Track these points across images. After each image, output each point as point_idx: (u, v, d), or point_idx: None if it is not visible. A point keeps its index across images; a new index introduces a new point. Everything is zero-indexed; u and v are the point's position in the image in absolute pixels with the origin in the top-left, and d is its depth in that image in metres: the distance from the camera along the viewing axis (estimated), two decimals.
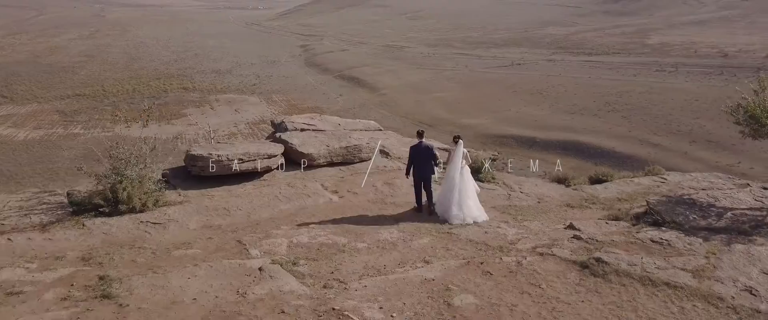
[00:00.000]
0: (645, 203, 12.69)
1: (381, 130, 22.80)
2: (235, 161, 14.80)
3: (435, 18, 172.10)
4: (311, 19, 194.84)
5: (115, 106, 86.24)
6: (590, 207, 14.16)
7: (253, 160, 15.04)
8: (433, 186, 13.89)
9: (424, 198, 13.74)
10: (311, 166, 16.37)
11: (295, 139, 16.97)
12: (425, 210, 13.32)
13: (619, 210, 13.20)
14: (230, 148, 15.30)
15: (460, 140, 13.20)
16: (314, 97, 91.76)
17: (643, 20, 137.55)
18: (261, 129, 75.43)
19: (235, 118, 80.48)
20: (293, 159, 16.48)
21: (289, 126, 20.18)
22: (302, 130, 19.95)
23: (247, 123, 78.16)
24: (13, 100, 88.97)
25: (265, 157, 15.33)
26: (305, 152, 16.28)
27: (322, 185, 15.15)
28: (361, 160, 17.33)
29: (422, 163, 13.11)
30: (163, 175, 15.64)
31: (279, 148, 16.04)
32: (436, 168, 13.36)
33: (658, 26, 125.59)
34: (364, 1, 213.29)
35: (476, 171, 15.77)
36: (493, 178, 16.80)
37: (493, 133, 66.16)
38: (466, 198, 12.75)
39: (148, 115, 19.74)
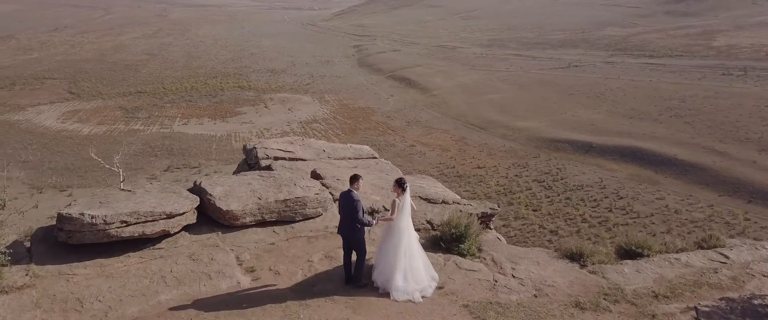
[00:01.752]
0: (693, 308, 8.97)
1: (375, 157, 18.76)
2: (116, 224, 10.86)
3: (489, 18, 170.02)
4: (365, 19, 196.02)
5: (173, 103, 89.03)
6: (610, 310, 9.72)
7: (143, 223, 11.15)
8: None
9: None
10: (234, 227, 12.20)
11: (218, 188, 12.68)
12: (354, 282, 10.21)
13: (652, 318, 9.35)
14: (118, 204, 11.43)
15: (408, 185, 10.06)
16: (365, 97, 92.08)
17: (708, 21, 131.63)
18: (313, 128, 76.32)
19: (288, 117, 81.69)
20: (212, 216, 12.36)
21: (261, 153, 16.96)
22: (276, 158, 16.79)
23: (300, 122, 79.19)
24: (79, 96, 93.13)
25: (163, 217, 11.33)
26: (225, 208, 12.03)
27: (237, 258, 11.19)
28: (306, 218, 12.86)
29: (348, 219, 9.91)
30: (30, 241, 11.84)
31: (187, 204, 11.90)
32: (365, 227, 10.03)
33: (725, 27, 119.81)
34: (418, 1, 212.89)
35: (458, 239, 11.63)
36: (479, 251, 11.79)
37: (547, 137, 64.59)
38: (412, 260, 9.92)
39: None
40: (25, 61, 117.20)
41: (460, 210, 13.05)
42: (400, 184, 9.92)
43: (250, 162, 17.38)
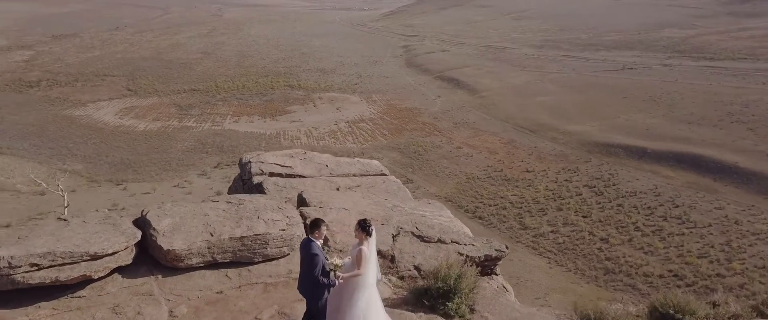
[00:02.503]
0: None
1: (384, 174, 16.25)
2: (24, 268, 8.86)
3: (541, 18, 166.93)
4: (414, 19, 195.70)
5: (225, 101, 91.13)
6: None
7: (59, 266, 9.07)
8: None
9: None
10: (178, 270, 10.08)
11: (165, 221, 10.54)
12: None
13: None
14: (38, 240, 9.45)
15: (373, 229, 8.19)
16: (412, 98, 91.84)
17: None
18: (360, 128, 76.63)
19: (336, 116, 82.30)
20: (154, 255, 10.27)
21: (255, 168, 15.00)
22: (271, 174, 14.74)
23: (347, 121, 79.66)
24: (136, 92, 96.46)
25: (85, 258, 9.22)
26: (166, 247, 9.91)
27: (170, 312, 9.19)
28: (267, 259, 10.52)
29: (304, 273, 8.07)
30: None
31: (121, 241, 9.82)
32: (324, 285, 7.99)
33: None
34: (468, 1, 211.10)
35: (445, 295, 9.34)
36: (471, 312, 9.50)
37: (599, 142, 62.81)
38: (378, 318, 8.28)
39: None
40: (87, 59, 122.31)
41: (459, 253, 10.80)
42: (363, 228, 8.05)
43: (243, 177, 15.58)
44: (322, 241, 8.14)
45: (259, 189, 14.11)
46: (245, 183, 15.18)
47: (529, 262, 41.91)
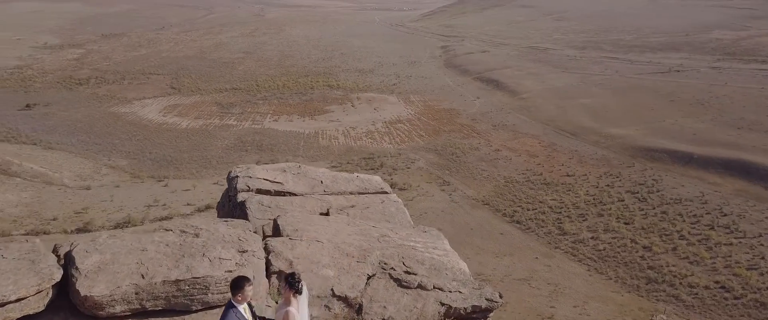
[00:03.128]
0: None
1: (385, 192, 14.63)
2: None
3: (584, 19, 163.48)
4: (454, 20, 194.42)
5: (266, 100, 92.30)
6: None
7: None
8: None
9: None
10: (99, 319, 8.31)
11: (93, 258, 8.73)
12: None
13: None
14: None
15: (303, 285, 7.05)
16: (451, 99, 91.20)
17: None
18: (397, 128, 76.50)
19: (374, 117, 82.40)
20: (74, 301, 8.43)
21: (241, 184, 13.58)
22: (258, 190, 13.32)
23: (384, 122, 79.65)
24: (180, 91, 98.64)
25: None
26: (84, 292, 8.12)
27: None
28: (207, 307, 8.71)
29: None
30: None
31: (32, 284, 8.03)
32: None
33: None
34: (509, 1, 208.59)
35: None
36: None
37: (643, 146, 61.06)
38: None
39: None
40: (134, 58, 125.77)
41: (441, 303, 9.20)
42: (291, 285, 6.86)
43: (230, 194, 14.30)
44: (248, 304, 6.94)
45: (241, 208, 12.77)
46: (231, 200, 13.92)
47: (568, 269, 41.02)
